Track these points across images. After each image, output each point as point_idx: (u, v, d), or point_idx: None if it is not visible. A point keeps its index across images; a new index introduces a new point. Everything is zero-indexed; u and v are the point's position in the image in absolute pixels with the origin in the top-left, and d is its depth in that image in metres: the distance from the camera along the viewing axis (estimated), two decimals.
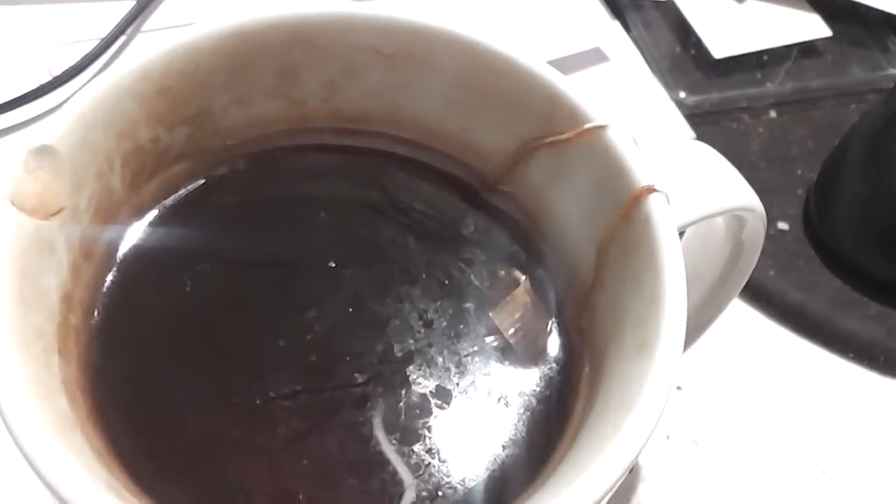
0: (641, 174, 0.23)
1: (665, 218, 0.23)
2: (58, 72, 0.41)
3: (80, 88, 0.23)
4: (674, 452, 0.36)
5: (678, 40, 0.48)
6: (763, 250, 0.28)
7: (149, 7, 0.43)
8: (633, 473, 0.35)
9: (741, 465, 0.36)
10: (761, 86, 0.46)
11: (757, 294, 0.40)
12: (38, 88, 0.40)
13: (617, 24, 0.48)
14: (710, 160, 0.26)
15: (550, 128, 0.25)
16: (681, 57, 0.47)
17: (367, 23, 0.26)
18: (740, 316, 0.40)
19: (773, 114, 0.46)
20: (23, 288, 0.21)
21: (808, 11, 0.49)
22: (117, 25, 0.42)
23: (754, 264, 0.29)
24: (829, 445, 0.37)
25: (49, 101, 0.40)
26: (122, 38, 0.43)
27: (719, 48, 0.47)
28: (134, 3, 0.43)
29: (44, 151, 0.22)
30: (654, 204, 0.23)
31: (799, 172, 0.44)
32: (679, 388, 0.38)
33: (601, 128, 0.24)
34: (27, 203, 0.22)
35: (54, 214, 0.22)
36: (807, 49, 0.48)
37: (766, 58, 0.47)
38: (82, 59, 0.41)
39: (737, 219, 0.27)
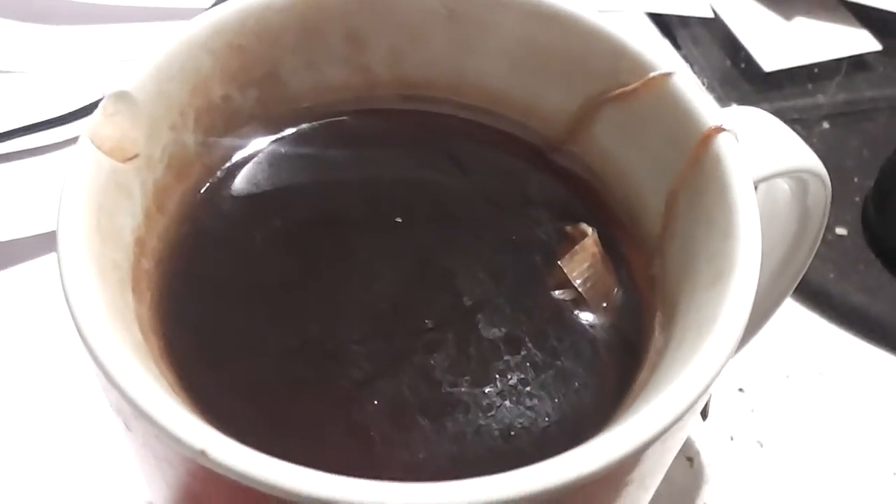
0: (710, 115, 0.23)
1: (736, 155, 0.22)
2: None
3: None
4: (738, 454, 0.35)
5: (727, 55, 0.48)
6: (822, 254, 0.28)
7: None
8: (697, 474, 0.34)
9: (807, 466, 0.35)
10: (813, 97, 0.46)
11: (818, 297, 0.40)
12: (95, 103, 0.41)
13: (666, 43, 0.49)
14: (771, 124, 0.26)
15: (615, 81, 0.25)
16: (731, 71, 0.48)
17: None
18: (801, 319, 0.40)
19: (825, 125, 0.46)
20: (100, 221, 0.21)
21: (856, 27, 0.49)
22: None
23: (820, 236, 0.28)
24: None
25: None
26: None
27: (769, 61, 0.47)
28: None
29: (122, 97, 0.23)
30: (723, 142, 0.23)
31: (855, 180, 0.43)
32: (741, 389, 0.37)
33: (667, 75, 0.24)
34: (104, 144, 0.22)
35: (130, 159, 0.23)
36: (857, 62, 0.48)
37: (816, 70, 0.47)
38: None
39: (801, 183, 0.27)
